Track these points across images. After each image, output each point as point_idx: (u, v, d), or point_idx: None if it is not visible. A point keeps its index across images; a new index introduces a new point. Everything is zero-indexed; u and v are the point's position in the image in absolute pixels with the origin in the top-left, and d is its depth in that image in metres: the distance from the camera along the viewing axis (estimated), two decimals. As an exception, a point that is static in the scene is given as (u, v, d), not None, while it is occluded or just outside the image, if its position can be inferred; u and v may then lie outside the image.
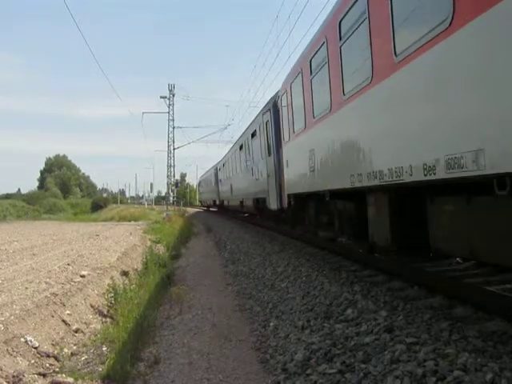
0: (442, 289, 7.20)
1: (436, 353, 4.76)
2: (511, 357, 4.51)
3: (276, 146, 16.54)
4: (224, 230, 27.74)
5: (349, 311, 6.98)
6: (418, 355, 4.78)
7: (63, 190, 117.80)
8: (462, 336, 5.24)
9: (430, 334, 5.43)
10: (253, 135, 22.24)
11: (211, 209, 63.87)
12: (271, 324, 7.54)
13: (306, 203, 13.02)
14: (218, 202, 47.63)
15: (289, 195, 14.14)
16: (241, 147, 26.91)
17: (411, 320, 6.08)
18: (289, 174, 13.96)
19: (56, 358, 6.98)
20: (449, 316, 6.12)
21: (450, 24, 4.91)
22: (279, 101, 15.31)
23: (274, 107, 17.09)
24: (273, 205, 17.33)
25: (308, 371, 5.25)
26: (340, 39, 8.62)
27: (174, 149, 53.30)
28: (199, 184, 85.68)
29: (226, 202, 40.24)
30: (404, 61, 6.03)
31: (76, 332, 8.43)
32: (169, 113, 52.41)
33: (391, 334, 5.63)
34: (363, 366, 4.96)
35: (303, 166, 11.69)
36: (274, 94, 18.07)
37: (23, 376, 5.91)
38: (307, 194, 12.00)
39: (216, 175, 45.61)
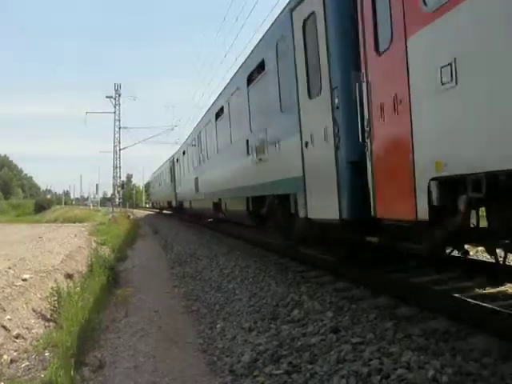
0: (388, 289, 7.29)
1: (381, 352, 4.86)
2: (452, 354, 4.63)
3: (344, 66, 7.06)
4: (170, 231, 27.48)
5: (295, 312, 7.02)
6: (364, 355, 4.87)
7: (4, 190, 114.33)
8: (405, 335, 5.36)
9: (375, 333, 5.53)
10: (250, 79, 12.05)
11: (164, 211, 54.57)
12: (218, 326, 7.49)
13: None
14: (174, 204, 36.57)
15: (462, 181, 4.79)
16: (218, 115, 16.66)
17: (357, 320, 6.17)
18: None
19: (-6, 366, 6.74)
20: (393, 315, 6.23)
21: None
22: None
23: None
24: (321, 211, 7.99)
25: (255, 372, 5.25)
26: None
27: (119, 149, 52.64)
28: (149, 183, 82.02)
29: (186, 204, 29.34)
30: None
31: (17, 338, 8.15)
32: (115, 113, 51.82)
33: (337, 334, 5.70)
34: (310, 366, 5.00)
35: None
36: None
37: (-41, 385, 5.68)
38: None
39: (172, 169, 35.37)
